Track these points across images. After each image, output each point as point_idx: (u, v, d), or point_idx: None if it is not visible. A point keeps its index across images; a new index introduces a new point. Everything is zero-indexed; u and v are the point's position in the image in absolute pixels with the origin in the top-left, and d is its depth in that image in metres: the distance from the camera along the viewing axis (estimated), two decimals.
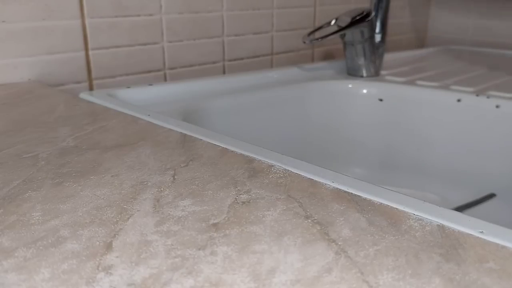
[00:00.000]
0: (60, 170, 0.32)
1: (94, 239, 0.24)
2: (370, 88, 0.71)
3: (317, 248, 0.23)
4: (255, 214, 0.26)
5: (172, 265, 0.21)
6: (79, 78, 0.62)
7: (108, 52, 0.63)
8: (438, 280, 0.21)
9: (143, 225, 0.25)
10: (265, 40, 0.80)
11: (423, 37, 1.16)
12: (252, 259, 0.22)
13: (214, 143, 0.37)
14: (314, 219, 0.26)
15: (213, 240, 0.24)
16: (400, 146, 0.70)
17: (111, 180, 0.30)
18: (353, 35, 0.70)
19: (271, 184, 0.30)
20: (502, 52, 0.97)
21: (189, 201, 0.28)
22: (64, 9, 0.58)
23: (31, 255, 0.22)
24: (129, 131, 0.40)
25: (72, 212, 0.26)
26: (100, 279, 0.20)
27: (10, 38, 0.55)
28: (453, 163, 0.66)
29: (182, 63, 0.71)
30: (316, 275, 0.21)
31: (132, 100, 0.54)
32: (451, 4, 1.11)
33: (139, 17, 0.65)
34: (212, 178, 0.31)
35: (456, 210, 0.27)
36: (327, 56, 0.92)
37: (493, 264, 0.22)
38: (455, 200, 0.63)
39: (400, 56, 0.91)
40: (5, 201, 0.27)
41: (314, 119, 0.70)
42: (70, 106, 0.48)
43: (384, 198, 0.28)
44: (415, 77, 0.72)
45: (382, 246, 0.23)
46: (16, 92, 0.52)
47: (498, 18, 1.04)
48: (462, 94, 0.64)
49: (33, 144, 0.37)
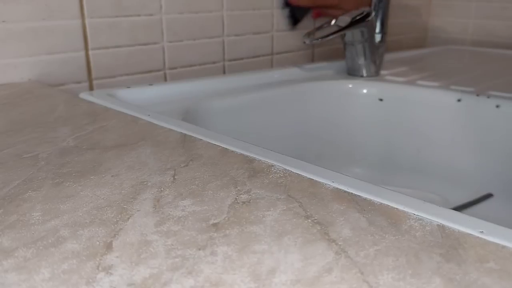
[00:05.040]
0: (60, 170, 0.32)
1: (94, 239, 0.24)
2: (370, 88, 0.71)
3: (317, 248, 0.23)
4: (255, 214, 0.26)
5: (172, 265, 0.21)
6: (79, 78, 0.62)
7: (108, 52, 0.63)
8: (438, 280, 0.21)
9: (143, 225, 0.25)
10: (265, 40, 0.80)
11: (423, 37, 1.16)
12: (252, 259, 0.22)
13: (214, 143, 0.37)
14: (314, 219, 0.26)
15: (213, 240, 0.24)
16: (400, 146, 0.70)
17: (111, 180, 0.30)
18: (353, 35, 0.70)
19: (271, 184, 0.30)
20: (502, 52, 0.97)
21: (189, 201, 0.28)
22: (64, 9, 0.58)
23: (31, 255, 0.22)
24: (129, 131, 0.40)
25: (72, 212, 0.26)
26: (100, 279, 0.20)
27: (10, 38, 0.55)
28: (453, 163, 0.66)
29: (182, 63, 0.71)
30: (316, 275, 0.21)
31: (132, 100, 0.54)
32: (451, 4, 1.11)
33: (139, 17, 0.65)
34: (212, 178, 0.31)
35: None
36: (327, 56, 0.92)
37: (493, 264, 0.22)
38: (455, 200, 0.63)
39: (400, 56, 0.91)
40: (5, 201, 0.27)
41: (314, 119, 0.70)
42: (70, 106, 0.48)
43: (384, 198, 0.28)
44: (415, 77, 0.72)
45: (382, 246, 0.23)
46: (16, 92, 0.52)
47: (498, 18, 1.04)
48: (462, 94, 0.64)
49: (33, 144, 0.37)
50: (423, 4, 1.13)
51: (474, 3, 1.06)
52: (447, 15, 1.12)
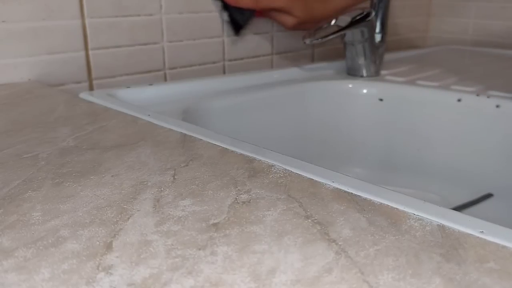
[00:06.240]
0: (60, 170, 0.32)
1: (94, 239, 0.23)
2: (370, 88, 0.71)
3: (317, 248, 0.23)
4: (255, 214, 0.26)
5: (172, 265, 0.21)
6: (79, 78, 0.62)
7: (108, 52, 0.63)
8: (438, 280, 0.21)
9: (143, 225, 0.25)
10: (265, 40, 0.80)
11: (423, 37, 1.16)
12: (252, 259, 0.22)
13: (214, 143, 0.37)
14: (314, 219, 0.26)
15: (213, 240, 0.24)
16: (400, 146, 0.70)
17: (111, 180, 0.30)
18: (353, 35, 0.70)
19: (271, 184, 0.30)
20: (502, 52, 0.97)
21: (189, 201, 0.28)
22: (64, 9, 0.58)
23: (31, 255, 0.22)
24: (129, 131, 0.40)
25: (72, 212, 0.26)
26: (100, 279, 0.20)
27: (10, 38, 0.55)
28: (453, 163, 0.66)
29: (182, 63, 0.71)
30: (316, 275, 0.21)
31: (132, 100, 0.54)
32: (451, 4, 1.11)
33: (139, 17, 0.65)
34: (212, 178, 0.31)
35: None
36: (327, 56, 0.92)
37: (493, 264, 0.22)
38: (455, 200, 0.63)
39: (400, 56, 0.91)
40: (5, 201, 0.27)
41: (314, 119, 0.70)
42: (70, 106, 0.48)
43: (384, 198, 0.28)
44: (415, 77, 0.72)
45: (382, 246, 0.23)
46: (16, 92, 0.52)
47: (498, 18, 1.04)
48: (462, 94, 0.64)
49: (33, 144, 0.37)
50: (423, 4, 1.13)
51: (474, 3, 1.06)
52: (447, 15, 1.12)
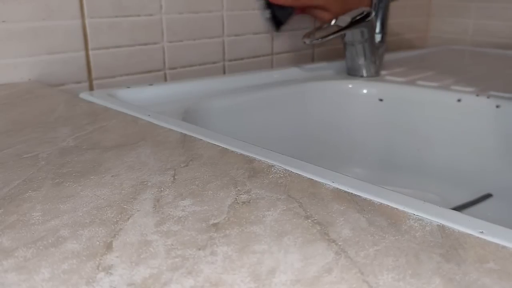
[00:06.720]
0: (60, 170, 0.32)
1: (94, 239, 0.24)
2: (370, 88, 0.71)
3: (317, 248, 0.23)
4: (255, 214, 0.26)
5: (172, 265, 0.21)
6: (79, 78, 0.62)
7: (108, 52, 0.63)
8: (438, 280, 0.21)
9: (143, 225, 0.25)
10: (265, 40, 0.80)
11: (423, 37, 1.16)
12: (252, 259, 0.22)
13: (214, 143, 0.37)
14: (314, 219, 0.26)
15: (213, 240, 0.24)
16: (400, 146, 0.70)
17: (111, 180, 0.30)
18: (353, 35, 0.70)
19: (271, 184, 0.30)
20: (502, 52, 0.97)
21: (189, 201, 0.28)
22: (64, 9, 0.58)
23: (31, 255, 0.22)
24: (129, 131, 0.40)
25: (72, 212, 0.26)
26: (100, 279, 0.20)
27: (10, 38, 0.55)
28: (453, 163, 0.66)
29: (182, 63, 0.71)
30: (316, 275, 0.21)
31: (132, 100, 0.54)
32: (451, 4, 1.10)
33: (139, 17, 0.65)
34: (212, 178, 0.31)
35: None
36: (327, 56, 0.92)
37: (493, 264, 0.22)
38: (455, 200, 0.63)
39: (400, 56, 0.91)
40: (5, 201, 0.27)
41: (314, 119, 0.70)
42: (70, 106, 0.48)
43: (384, 198, 0.28)
44: (415, 77, 0.72)
45: (382, 246, 0.23)
46: (16, 92, 0.52)
47: (498, 18, 1.04)
48: (462, 94, 0.64)
49: (33, 144, 0.37)
50: (423, 4, 1.13)
51: (474, 3, 1.06)
52: (447, 15, 1.12)
